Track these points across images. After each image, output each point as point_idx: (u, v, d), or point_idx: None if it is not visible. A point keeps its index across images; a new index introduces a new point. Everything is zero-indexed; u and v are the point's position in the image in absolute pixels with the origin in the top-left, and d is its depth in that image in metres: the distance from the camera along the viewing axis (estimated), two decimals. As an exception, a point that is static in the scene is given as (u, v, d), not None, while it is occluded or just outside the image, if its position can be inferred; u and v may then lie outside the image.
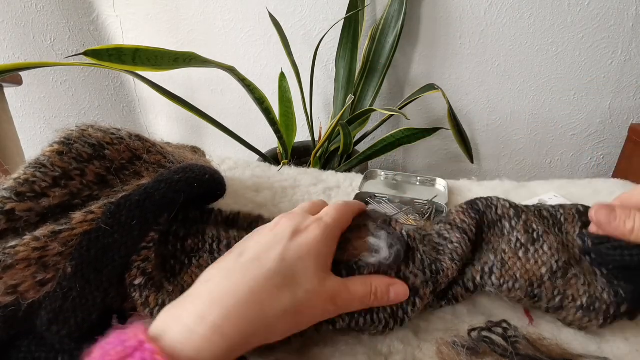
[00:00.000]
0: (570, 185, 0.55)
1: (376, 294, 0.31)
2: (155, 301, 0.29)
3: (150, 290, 0.29)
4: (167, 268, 0.33)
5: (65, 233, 0.27)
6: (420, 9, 1.15)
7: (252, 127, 1.40)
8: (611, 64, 1.13)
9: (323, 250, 0.30)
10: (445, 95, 0.99)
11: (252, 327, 0.25)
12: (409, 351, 0.32)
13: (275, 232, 0.31)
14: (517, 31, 1.13)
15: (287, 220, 0.32)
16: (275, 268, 0.27)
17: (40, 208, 0.29)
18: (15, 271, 0.25)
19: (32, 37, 1.27)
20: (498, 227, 0.37)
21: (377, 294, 0.31)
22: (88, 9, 1.26)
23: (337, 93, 1.18)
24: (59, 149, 0.31)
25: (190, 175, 0.34)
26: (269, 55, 1.27)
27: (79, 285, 0.26)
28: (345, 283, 0.30)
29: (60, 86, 1.35)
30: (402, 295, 0.32)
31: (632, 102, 1.18)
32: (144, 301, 0.29)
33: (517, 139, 1.29)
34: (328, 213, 0.33)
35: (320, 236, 0.30)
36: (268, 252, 0.28)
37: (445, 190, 0.55)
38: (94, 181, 0.32)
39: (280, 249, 0.29)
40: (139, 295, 0.29)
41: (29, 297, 0.26)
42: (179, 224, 0.35)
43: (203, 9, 1.23)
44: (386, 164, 1.42)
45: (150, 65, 0.70)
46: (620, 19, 1.07)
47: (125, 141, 0.35)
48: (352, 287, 0.30)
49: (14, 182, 0.28)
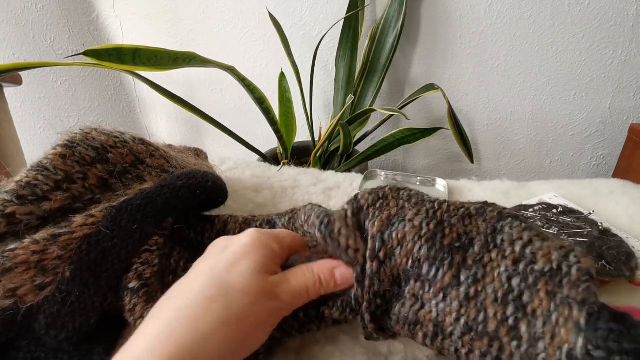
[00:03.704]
0: (570, 185, 0.55)
1: (321, 280, 0.29)
2: (141, 312, 0.28)
3: (140, 299, 0.29)
4: (165, 282, 0.32)
5: (65, 236, 0.27)
6: (420, 9, 1.15)
7: (252, 127, 1.40)
8: (611, 64, 1.13)
9: (255, 253, 0.28)
10: (445, 95, 0.99)
11: (186, 343, 0.23)
12: (409, 351, 0.32)
13: (208, 250, 0.30)
14: (517, 31, 1.12)
15: (221, 239, 0.30)
16: (204, 280, 0.26)
17: (41, 211, 0.29)
18: (14, 274, 0.25)
19: (32, 37, 1.27)
20: None
21: (322, 280, 0.29)
22: (88, 9, 1.26)
23: (337, 93, 1.18)
24: (62, 152, 0.31)
25: (193, 181, 0.34)
26: (269, 55, 1.27)
27: (78, 289, 0.26)
28: (286, 275, 0.29)
29: (60, 86, 1.35)
30: (349, 276, 0.29)
31: (632, 102, 1.18)
32: (131, 308, 0.28)
33: (517, 139, 1.29)
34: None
35: (249, 242, 0.28)
36: (197, 267, 0.28)
37: (445, 190, 0.55)
38: (96, 184, 0.32)
39: (210, 262, 0.27)
40: (128, 301, 0.29)
41: (28, 301, 0.26)
42: (186, 243, 0.35)
43: (203, 9, 1.23)
44: (386, 164, 1.42)
45: (150, 65, 0.70)
46: (620, 19, 1.07)
47: (128, 145, 0.35)
48: (294, 278, 0.28)
49: (15, 185, 0.28)
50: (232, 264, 0.27)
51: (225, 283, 0.25)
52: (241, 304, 0.25)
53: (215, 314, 0.24)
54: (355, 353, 0.31)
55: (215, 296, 0.25)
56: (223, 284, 0.25)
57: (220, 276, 0.26)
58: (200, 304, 0.24)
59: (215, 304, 0.24)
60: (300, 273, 0.29)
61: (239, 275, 0.26)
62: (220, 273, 0.26)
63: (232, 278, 0.26)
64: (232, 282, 0.26)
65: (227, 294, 0.25)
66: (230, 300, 0.25)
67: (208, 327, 0.24)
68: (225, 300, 0.25)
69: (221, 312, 0.24)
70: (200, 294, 0.25)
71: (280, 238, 0.30)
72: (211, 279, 0.26)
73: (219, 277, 0.26)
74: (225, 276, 0.26)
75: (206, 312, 0.24)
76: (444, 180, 0.57)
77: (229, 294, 0.25)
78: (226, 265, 0.26)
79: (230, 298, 0.25)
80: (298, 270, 0.29)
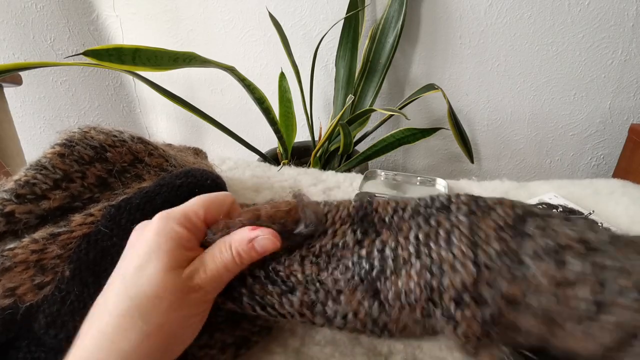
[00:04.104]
0: (570, 185, 0.55)
1: (240, 255, 0.27)
2: None
3: None
4: None
5: (64, 236, 0.27)
6: (420, 9, 1.15)
7: (252, 127, 1.40)
8: (611, 64, 1.13)
9: (161, 248, 0.25)
10: (445, 95, 0.99)
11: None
12: (409, 351, 0.32)
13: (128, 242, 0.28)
14: (517, 31, 1.12)
15: (136, 229, 0.28)
16: (117, 294, 0.25)
17: (40, 210, 0.29)
18: (13, 274, 0.25)
19: (32, 37, 1.27)
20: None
21: (241, 253, 0.27)
22: (88, 9, 1.26)
23: (337, 93, 1.18)
24: (61, 151, 0.31)
25: (192, 180, 0.34)
26: (269, 55, 1.27)
27: (77, 288, 0.26)
28: (202, 260, 0.27)
29: (60, 86, 1.35)
30: (271, 245, 0.27)
31: (632, 102, 1.18)
32: None
33: (517, 139, 1.29)
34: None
35: (153, 237, 0.26)
36: (112, 275, 0.26)
37: (445, 190, 0.55)
38: (95, 184, 0.32)
39: (121, 270, 0.26)
40: None
41: (27, 300, 0.26)
42: None
43: (203, 9, 1.23)
44: (386, 164, 1.42)
45: (150, 65, 0.70)
46: (620, 19, 1.07)
47: (127, 144, 0.35)
48: (211, 261, 0.27)
49: (14, 184, 0.28)
50: (139, 267, 0.25)
51: (137, 294, 0.24)
52: (158, 312, 0.24)
53: (135, 330, 0.23)
54: (355, 353, 0.31)
55: (130, 311, 0.24)
56: (135, 294, 0.24)
57: (130, 286, 0.24)
58: (118, 324, 0.23)
59: (132, 319, 0.24)
60: (217, 252, 0.27)
61: (148, 280, 0.24)
62: (130, 281, 0.25)
63: (142, 286, 0.24)
64: (143, 291, 0.24)
65: (141, 305, 0.24)
66: (145, 312, 0.24)
67: (131, 344, 0.23)
68: (141, 313, 0.24)
69: (141, 327, 0.23)
70: (115, 313, 0.24)
71: (190, 215, 0.27)
72: (123, 291, 0.24)
73: (130, 287, 0.24)
74: (136, 284, 0.24)
75: (125, 331, 0.23)
76: (444, 180, 0.57)
77: (143, 304, 0.24)
78: (134, 271, 0.25)
79: (145, 309, 0.24)
80: (215, 250, 0.27)
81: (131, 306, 0.24)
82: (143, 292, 0.24)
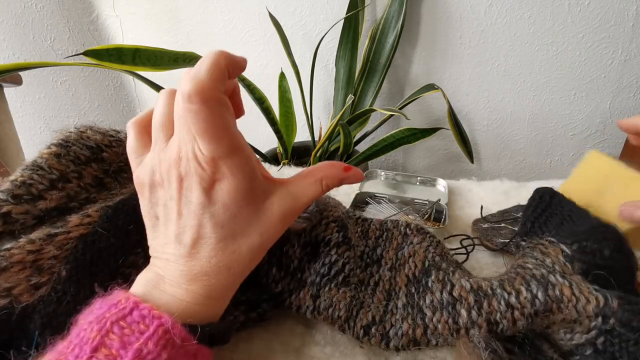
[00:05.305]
0: (570, 186, 0.55)
1: (328, 188, 0.28)
2: None
3: None
4: None
5: (61, 236, 0.27)
6: (420, 9, 1.15)
7: (252, 127, 1.40)
8: (611, 64, 1.13)
9: (246, 176, 0.25)
10: (445, 95, 0.99)
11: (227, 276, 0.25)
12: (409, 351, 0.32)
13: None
14: (517, 31, 1.12)
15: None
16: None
17: (36, 211, 0.29)
18: (10, 274, 0.25)
19: (32, 37, 1.27)
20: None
21: (329, 187, 0.28)
22: (88, 8, 1.26)
23: (337, 93, 1.18)
24: (57, 151, 0.31)
25: None
26: (269, 55, 1.27)
27: (74, 289, 0.26)
28: (294, 197, 0.27)
29: (60, 86, 1.35)
30: (357, 181, 0.29)
31: (632, 102, 1.18)
32: None
33: (517, 139, 1.29)
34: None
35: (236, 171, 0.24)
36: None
37: (445, 190, 0.55)
38: (92, 184, 0.32)
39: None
40: None
41: (23, 300, 0.26)
42: None
43: (203, 9, 1.23)
44: (386, 164, 1.42)
45: (150, 65, 0.70)
46: (620, 18, 1.07)
47: (123, 143, 0.35)
48: (302, 196, 0.27)
49: (10, 184, 0.28)
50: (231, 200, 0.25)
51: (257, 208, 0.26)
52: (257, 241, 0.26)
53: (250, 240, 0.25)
54: (355, 353, 0.31)
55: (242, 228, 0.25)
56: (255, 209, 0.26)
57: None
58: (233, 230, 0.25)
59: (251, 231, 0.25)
60: (307, 185, 0.28)
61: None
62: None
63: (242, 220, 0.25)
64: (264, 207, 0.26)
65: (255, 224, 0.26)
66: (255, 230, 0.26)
67: (246, 248, 0.25)
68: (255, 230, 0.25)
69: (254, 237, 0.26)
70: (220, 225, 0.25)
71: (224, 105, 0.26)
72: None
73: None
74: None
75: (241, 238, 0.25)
76: (444, 180, 0.57)
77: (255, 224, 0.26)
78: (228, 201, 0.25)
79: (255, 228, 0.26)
80: (304, 183, 0.28)
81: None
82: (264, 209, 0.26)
